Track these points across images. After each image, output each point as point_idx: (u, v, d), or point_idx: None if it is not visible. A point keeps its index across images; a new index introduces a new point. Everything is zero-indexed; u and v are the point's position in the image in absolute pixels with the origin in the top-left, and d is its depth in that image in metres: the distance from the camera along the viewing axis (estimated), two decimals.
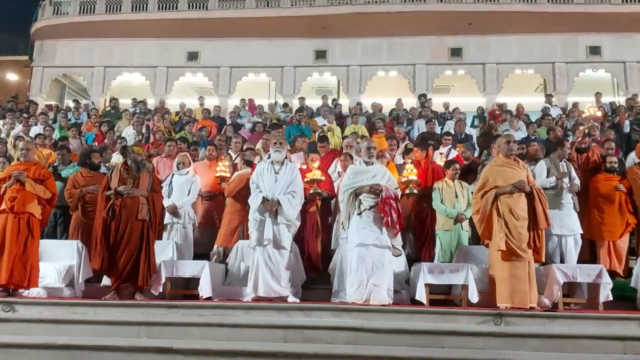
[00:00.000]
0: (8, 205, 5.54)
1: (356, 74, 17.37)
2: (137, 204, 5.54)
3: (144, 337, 4.21)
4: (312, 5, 17.13)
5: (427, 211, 6.63)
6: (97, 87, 18.13)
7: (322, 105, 12.72)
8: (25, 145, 6.09)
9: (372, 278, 5.10)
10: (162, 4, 17.78)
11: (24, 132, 10.43)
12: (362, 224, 5.29)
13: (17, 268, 5.41)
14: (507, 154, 5.35)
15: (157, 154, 8.37)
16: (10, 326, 4.41)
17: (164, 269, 5.75)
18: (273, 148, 5.81)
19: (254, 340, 4.08)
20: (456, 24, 16.43)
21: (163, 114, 11.81)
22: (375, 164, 5.67)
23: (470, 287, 5.36)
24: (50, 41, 18.55)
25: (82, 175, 6.85)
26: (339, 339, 4.09)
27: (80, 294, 6.04)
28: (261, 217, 5.50)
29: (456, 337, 4.05)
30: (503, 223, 5.02)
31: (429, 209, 6.57)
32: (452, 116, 11.79)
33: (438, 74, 17.19)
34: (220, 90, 17.71)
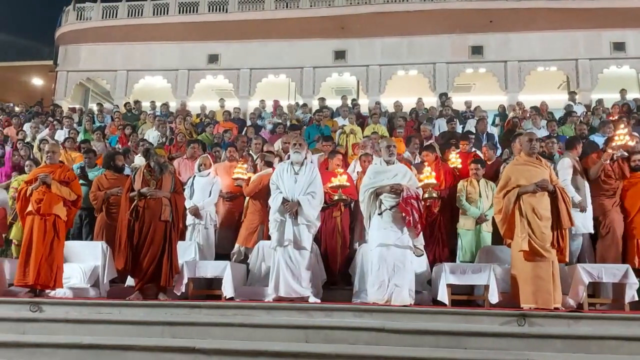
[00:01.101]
0: (34, 207, 5.64)
1: (376, 73, 17.33)
2: (160, 205, 5.61)
3: (167, 336, 4.25)
4: (331, 5, 17.15)
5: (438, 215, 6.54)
6: (120, 90, 18.43)
7: (341, 105, 12.70)
8: (50, 148, 6.20)
9: (393, 278, 5.08)
10: (183, 8, 18.00)
11: (50, 136, 10.64)
12: (383, 224, 5.27)
13: (44, 269, 5.51)
14: (529, 152, 5.28)
15: (178, 156, 8.45)
16: (38, 326, 4.48)
17: (187, 270, 5.81)
18: (293, 149, 5.82)
19: (275, 340, 4.09)
20: (477, 22, 16.28)
21: (184, 116, 11.95)
22: (397, 164, 5.63)
23: (492, 287, 5.30)
24: (74, 46, 18.92)
25: (106, 177, 6.96)
26: (361, 339, 4.08)
27: (105, 294, 6.14)
28: (281, 217, 5.52)
29: (479, 338, 4.01)
30: (526, 223, 4.94)
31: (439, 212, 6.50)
32: (473, 115, 11.67)
33: (459, 72, 17.06)
34: (241, 92, 17.83)
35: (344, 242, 6.34)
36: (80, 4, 18.92)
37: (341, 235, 6.33)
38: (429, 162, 6.81)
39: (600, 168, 6.08)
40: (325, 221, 6.24)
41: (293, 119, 12.06)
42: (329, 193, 6.14)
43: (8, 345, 4.01)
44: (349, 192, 6.25)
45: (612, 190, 6.14)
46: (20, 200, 5.80)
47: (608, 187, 6.14)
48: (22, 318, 4.59)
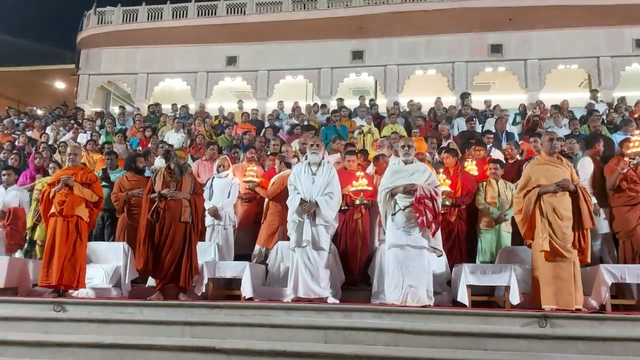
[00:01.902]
0: (57, 208, 5.73)
1: (393, 73, 17.27)
2: (180, 207, 5.66)
3: (187, 336, 4.29)
4: (348, 6, 17.14)
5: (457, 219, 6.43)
6: (141, 93, 18.67)
7: (359, 105, 12.68)
8: (72, 151, 6.30)
9: (407, 279, 5.05)
10: (202, 10, 18.16)
11: (72, 139, 10.82)
12: (397, 224, 5.25)
13: (67, 269, 5.60)
14: (550, 151, 5.21)
15: (198, 158, 8.53)
16: (61, 325, 4.54)
17: (206, 270, 5.86)
18: (310, 149, 5.82)
19: (294, 340, 4.10)
20: (496, 20, 16.12)
21: (204, 118, 12.05)
22: (416, 162, 5.57)
23: (513, 288, 5.24)
24: (96, 49, 19.22)
25: (127, 179, 7.05)
26: (380, 340, 4.06)
27: (126, 294, 6.22)
28: (299, 218, 5.52)
29: (499, 340, 3.97)
30: (547, 223, 4.88)
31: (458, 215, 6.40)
32: (492, 114, 11.56)
33: (478, 71, 16.90)
34: (259, 93, 17.92)
35: (364, 243, 6.29)
36: (101, 8, 19.22)
37: (362, 236, 6.28)
38: (449, 165, 6.69)
39: (618, 177, 5.79)
40: (346, 223, 6.21)
41: (312, 120, 12.07)
42: (350, 196, 6.11)
43: (32, 345, 4.08)
44: (370, 195, 6.22)
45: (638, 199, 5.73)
46: (43, 202, 5.91)
47: (634, 194, 5.74)
48: (46, 318, 4.66)
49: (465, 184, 6.42)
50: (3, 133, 11.69)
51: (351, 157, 6.79)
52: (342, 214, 6.17)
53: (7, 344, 4.09)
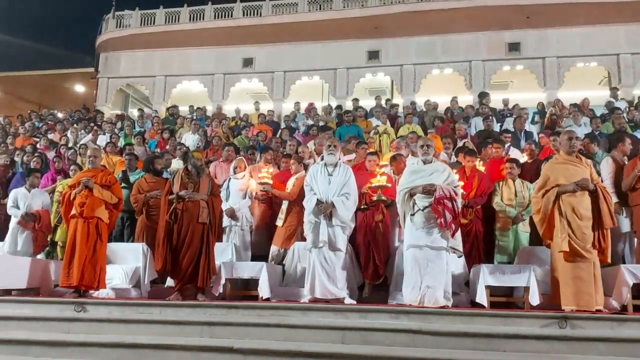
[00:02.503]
0: (78, 210, 5.81)
1: (410, 73, 17.22)
2: (197, 208, 5.70)
3: (206, 336, 4.32)
4: (364, 6, 17.14)
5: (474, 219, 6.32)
6: (159, 95, 18.89)
7: (375, 105, 12.65)
8: (92, 153, 6.38)
9: (425, 280, 5.00)
10: (218, 13, 18.31)
11: (92, 141, 10.97)
12: (416, 224, 5.20)
13: (88, 270, 5.67)
14: (568, 150, 5.14)
15: (215, 159, 8.58)
16: (82, 325, 4.60)
17: (224, 270, 5.89)
18: (327, 150, 5.82)
19: (311, 341, 4.10)
20: (513, 18, 15.99)
21: (221, 120, 12.13)
22: (435, 162, 5.52)
23: (532, 288, 5.18)
24: (114, 53, 19.49)
25: (146, 180, 7.12)
26: (397, 341, 4.05)
27: (146, 294, 6.28)
28: (316, 219, 5.52)
29: (519, 341, 3.93)
30: (566, 223, 4.81)
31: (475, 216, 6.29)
32: (511, 113, 11.44)
33: (495, 70, 16.79)
34: (275, 94, 18.00)
35: (385, 246, 6.12)
36: (119, 12, 19.48)
37: (383, 239, 6.09)
38: (468, 167, 6.54)
39: (634, 179, 5.66)
40: (366, 224, 6.08)
41: (329, 121, 12.08)
42: (369, 194, 6.04)
43: (53, 344, 4.14)
44: (390, 194, 6.09)
45: None
46: (64, 204, 5.99)
47: None
48: (67, 318, 4.72)
49: (481, 185, 6.32)
50: (25, 136, 11.89)
51: (372, 157, 6.66)
52: (361, 213, 6.09)
53: (30, 344, 4.16)
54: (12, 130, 12.62)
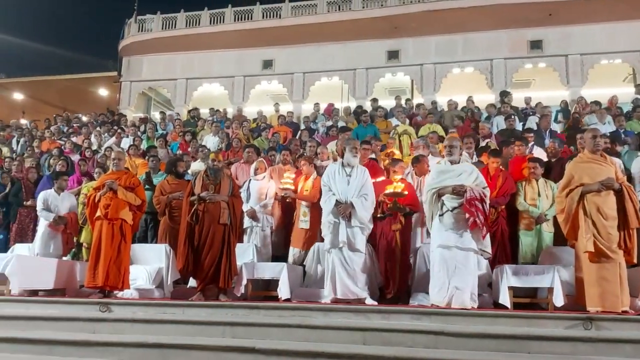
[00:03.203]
0: (102, 212, 5.91)
1: (430, 72, 17.11)
2: (218, 209, 5.75)
3: (228, 336, 4.35)
4: (383, 6, 17.08)
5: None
6: (180, 98, 19.09)
7: (395, 105, 12.59)
8: (117, 156, 6.49)
9: (453, 281, 4.95)
10: (238, 15, 18.44)
11: (116, 144, 11.15)
12: (445, 225, 5.14)
13: (112, 271, 5.76)
14: (592, 149, 5.05)
15: (236, 161, 8.65)
16: (107, 325, 4.68)
17: (245, 271, 5.94)
18: (352, 152, 5.76)
19: (332, 342, 4.11)
20: (535, 16, 15.76)
21: (241, 122, 12.21)
22: (462, 163, 5.45)
23: (556, 289, 5.11)
24: (137, 57, 19.76)
25: (168, 182, 7.21)
26: (419, 342, 4.03)
27: (169, 294, 6.36)
28: (335, 219, 5.51)
29: (543, 342, 3.88)
30: (590, 223, 4.73)
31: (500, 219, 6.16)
32: (534, 111, 11.28)
33: (517, 68, 16.58)
34: (294, 95, 18.05)
35: (403, 258, 5.88)
36: (141, 17, 19.75)
37: (400, 251, 5.86)
38: (492, 167, 6.40)
39: None
40: (383, 234, 5.94)
41: (349, 122, 12.06)
42: (385, 202, 5.92)
43: (79, 344, 4.21)
44: (408, 202, 5.92)
45: None
46: (89, 206, 6.09)
47: None
48: (92, 318, 4.80)
49: (504, 185, 6.20)
50: (50, 139, 12.13)
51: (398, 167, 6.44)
52: (379, 222, 5.99)
53: (56, 344, 4.24)
54: (38, 134, 12.87)
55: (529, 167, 6.36)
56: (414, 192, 6.16)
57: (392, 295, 5.78)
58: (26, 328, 4.67)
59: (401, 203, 5.83)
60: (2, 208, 8.25)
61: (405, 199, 5.86)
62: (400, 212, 5.88)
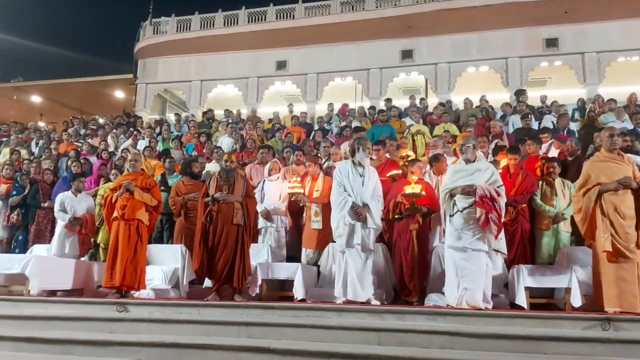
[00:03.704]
0: (119, 212, 5.98)
1: (444, 71, 17.02)
2: (232, 209, 5.79)
3: (243, 336, 4.37)
4: (396, 5, 17.02)
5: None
6: (195, 100, 19.23)
7: (409, 105, 12.54)
8: (133, 157, 6.57)
9: (463, 281, 4.94)
10: (252, 17, 18.51)
11: (132, 145, 11.26)
12: (455, 225, 5.12)
13: (129, 271, 5.83)
14: (610, 148, 4.98)
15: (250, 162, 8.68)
16: (124, 325, 4.72)
17: (260, 271, 5.96)
18: (365, 152, 5.73)
19: (347, 342, 4.11)
20: (551, 13, 15.59)
21: (255, 123, 12.26)
22: (478, 161, 5.39)
23: (574, 290, 5.06)
24: (152, 59, 19.94)
25: (183, 183, 7.27)
26: (434, 343, 4.02)
27: (184, 294, 6.41)
28: (351, 221, 5.49)
29: (560, 343, 3.85)
30: (608, 222, 4.68)
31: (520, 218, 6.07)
32: (550, 110, 11.17)
33: (533, 66, 16.42)
34: (308, 96, 18.07)
35: (421, 258, 5.86)
36: (156, 19, 19.92)
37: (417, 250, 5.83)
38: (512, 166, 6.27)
39: None
40: (400, 234, 5.92)
41: (363, 122, 12.04)
42: (403, 203, 5.87)
43: (97, 344, 4.25)
44: (426, 202, 5.89)
45: None
46: (106, 207, 6.17)
47: None
48: (110, 318, 4.85)
49: (524, 183, 6.09)
50: (68, 142, 12.29)
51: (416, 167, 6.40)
52: (396, 223, 5.97)
53: (74, 343, 4.29)
54: (56, 136, 13.04)
55: (547, 168, 6.30)
56: (433, 192, 6.11)
57: (416, 299, 5.72)
58: (45, 328, 4.74)
59: (419, 203, 5.80)
60: (21, 210, 8.37)
61: (423, 199, 5.82)
62: (418, 213, 5.85)
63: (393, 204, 5.97)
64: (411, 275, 5.74)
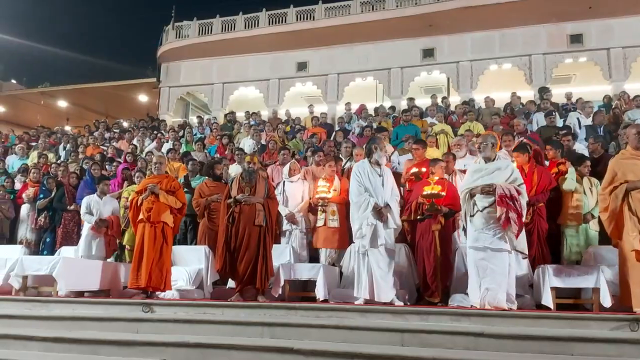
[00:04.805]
0: (145, 215, 6.06)
1: (466, 69, 16.85)
2: (254, 211, 5.83)
3: (267, 337, 4.40)
4: (417, 4, 16.90)
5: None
6: (217, 102, 19.40)
7: (431, 104, 12.45)
8: (157, 160, 6.65)
9: (484, 282, 4.89)
10: (272, 19, 18.59)
11: (157, 148, 11.40)
12: (475, 225, 5.08)
13: (155, 272, 5.91)
14: (636, 145, 4.88)
15: (271, 163, 8.72)
16: (150, 325, 4.80)
17: (283, 272, 5.98)
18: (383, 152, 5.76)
19: (370, 343, 4.11)
20: (575, 9, 15.32)
21: (277, 124, 12.31)
22: (498, 160, 5.33)
23: (602, 290, 4.96)
24: (175, 63, 20.18)
25: (206, 185, 7.35)
26: (458, 344, 3.99)
27: (208, 295, 6.47)
28: (373, 221, 5.48)
29: (587, 344, 3.78)
30: (636, 221, 4.59)
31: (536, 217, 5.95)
32: (574, 107, 10.97)
33: (557, 63, 16.14)
34: (329, 97, 18.07)
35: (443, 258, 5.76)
36: (178, 23, 20.16)
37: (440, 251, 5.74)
38: (521, 163, 6.15)
39: None
40: (422, 234, 5.88)
41: (383, 122, 11.99)
42: (424, 203, 5.81)
43: (123, 344, 4.33)
44: (448, 202, 5.81)
45: None
46: (132, 209, 6.26)
47: None
48: (136, 318, 4.93)
49: (541, 181, 5.98)
50: (94, 145, 12.51)
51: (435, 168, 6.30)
52: (419, 223, 5.94)
53: (101, 343, 4.37)
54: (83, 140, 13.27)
55: (585, 166, 6.21)
56: (455, 192, 6.02)
57: (438, 299, 5.66)
58: (73, 328, 4.84)
59: (439, 204, 5.74)
60: (48, 212, 8.55)
61: (444, 200, 5.77)
62: (438, 214, 5.79)
63: (415, 204, 5.94)
64: (434, 275, 5.69)
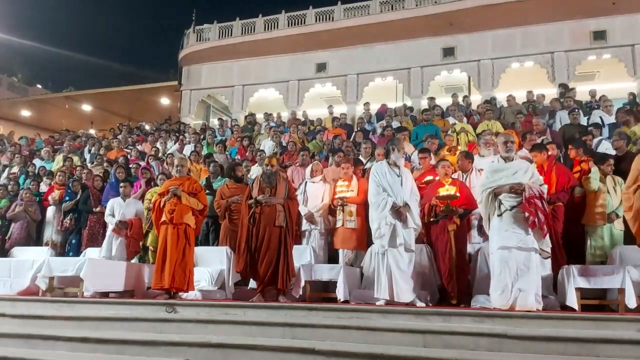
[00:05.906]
0: (168, 217, 6.14)
1: (488, 68, 16.69)
2: (274, 212, 5.87)
3: (288, 337, 4.42)
4: (437, 3, 16.80)
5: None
6: (237, 104, 19.55)
7: (452, 103, 12.36)
8: (180, 162, 6.72)
9: (517, 283, 4.81)
10: (291, 20, 18.67)
11: (179, 150, 11.53)
12: (504, 225, 4.99)
13: (178, 273, 5.97)
14: None
15: (291, 164, 8.75)
16: (173, 326, 4.85)
17: (303, 273, 6.00)
18: (402, 154, 5.75)
19: (392, 344, 4.09)
20: (598, 5, 15.07)
21: (296, 126, 12.35)
22: (516, 160, 5.28)
23: (628, 290, 4.86)
24: (196, 66, 20.41)
25: (227, 187, 7.41)
26: (481, 345, 3.95)
27: (230, 296, 6.53)
28: (392, 221, 5.46)
29: (613, 346, 3.72)
30: None
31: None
32: (599, 105, 10.79)
33: (580, 60, 15.89)
34: (348, 97, 18.06)
35: (459, 258, 5.73)
36: (199, 26, 20.37)
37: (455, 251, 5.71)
38: (540, 162, 6.09)
39: None
40: (438, 236, 5.85)
41: (403, 121, 11.95)
42: (438, 205, 5.79)
43: (147, 344, 4.40)
44: (462, 203, 5.78)
45: None
46: (155, 211, 6.34)
47: None
48: (159, 318, 4.99)
49: (560, 180, 5.90)
50: (118, 148, 12.70)
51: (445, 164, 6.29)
52: (434, 224, 5.90)
53: (126, 343, 4.45)
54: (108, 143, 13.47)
55: (609, 165, 6.11)
56: (469, 192, 5.99)
57: (455, 301, 5.62)
58: (98, 328, 4.93)
59: (454, 205, 5.71)
60: (74, 214, 8.71)
61: (459, 200, 5.74)
62: (453, 215, 5.76)
63: (428, 207, 5.90)
64: (449, 276, 5.66)
